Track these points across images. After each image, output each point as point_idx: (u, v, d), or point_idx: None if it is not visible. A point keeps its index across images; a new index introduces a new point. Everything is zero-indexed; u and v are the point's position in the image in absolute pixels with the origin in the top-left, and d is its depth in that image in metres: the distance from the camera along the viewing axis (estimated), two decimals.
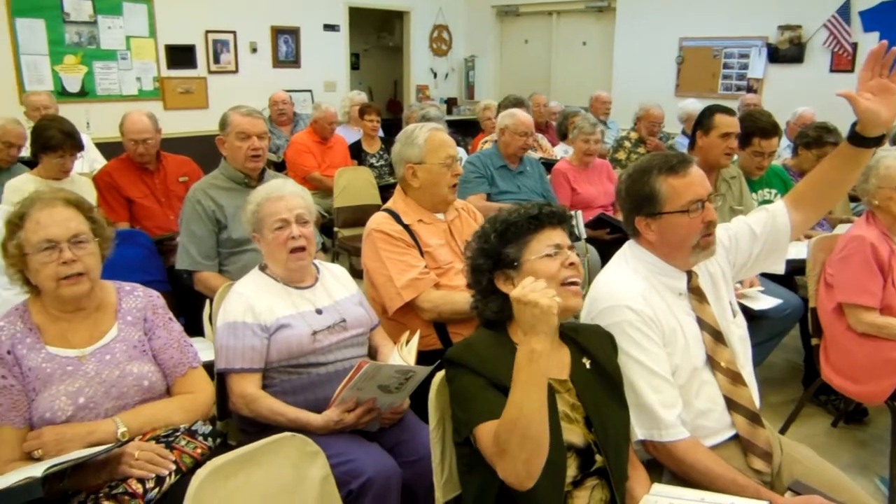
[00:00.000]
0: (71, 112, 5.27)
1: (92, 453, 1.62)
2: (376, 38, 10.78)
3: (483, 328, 1.76)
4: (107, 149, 5.20)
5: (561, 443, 1.56)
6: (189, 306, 3.29)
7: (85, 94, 6.74)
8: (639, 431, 1.78)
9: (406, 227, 2.60)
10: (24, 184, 3.65)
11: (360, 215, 5.00)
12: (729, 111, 3.49)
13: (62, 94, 6.45)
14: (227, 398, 2.15)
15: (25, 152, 4.20)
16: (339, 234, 5.25)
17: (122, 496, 1.62)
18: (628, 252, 1.99)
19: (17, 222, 1.88)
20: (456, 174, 2.69)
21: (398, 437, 2.13)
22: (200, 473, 1.38)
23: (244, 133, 3.01)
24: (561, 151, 5.82)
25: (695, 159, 1.90)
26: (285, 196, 2.26)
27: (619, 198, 1.99)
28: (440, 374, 1.75)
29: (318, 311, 2.22)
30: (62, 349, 1.86)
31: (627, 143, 5.97)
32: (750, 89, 7.35)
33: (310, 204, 2.32)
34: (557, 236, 1.71)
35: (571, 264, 1.68)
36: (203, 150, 4.62)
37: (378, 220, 2.62)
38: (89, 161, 5.12)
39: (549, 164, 4.76)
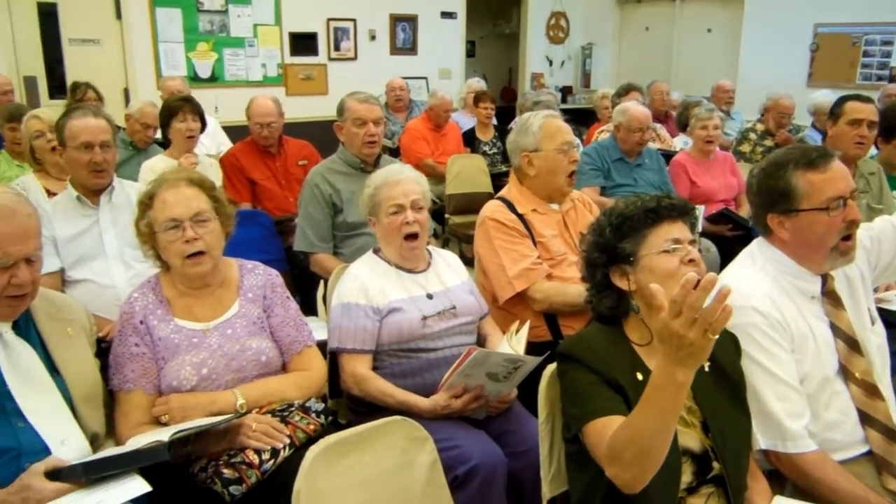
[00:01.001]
0: (201, 96, 5.49)
1: (214, 422, 1.69)
2: (492, 25, 10.72)
3: (597, 322, 1.71)
4: (232, 132, 5.44)
5: (676, 446, 1.50)
6: (305, 286, 3.40)
7: (214, 79, 7.07)
8: (761, 440, 1.68)
9: (520, 216, 2.57)
10: (157, 163, 3.88)
11: (471, 203, 5.02)
12: (863, 98, 3.24)
13: (194, 79, 6.79)
14: (339, 377, 2.20)
15: (159, 135, 4.46)
16: (449, 221, 5.28)
17: (239, 465, 1.69)
18: (756, 250, 1.87)
19: (146, 202, 1.99)
20: (573, 161, 2.63)
21: (505, 427, 2.12)
22: (314, 450, 1.41)
23: (360, 119, 3.06)
24: (681, 143, 5.60)
25: (837, 153, 1.76)
26: (402, 181, 2.28)
27: (749, 192, 1.87)
28: (551, 367, 1.71)
29: (429, 297, 2.23)
30: (189, 322, 1.96)
31: (753, 136, 5.67)
32: (893, 79, 6.80)
33: (425, 190, 2.33)
34: (677, 230, 1.62)
35: (692, 261, 1.59)
36: (321, 136, 4.74)
37: (492, 208, 2.61)
38: (216, 144, 5.37)
39: (668, 156, 4.59)
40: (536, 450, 1.96)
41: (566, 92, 9.53)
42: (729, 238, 3.91)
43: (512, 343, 2.09)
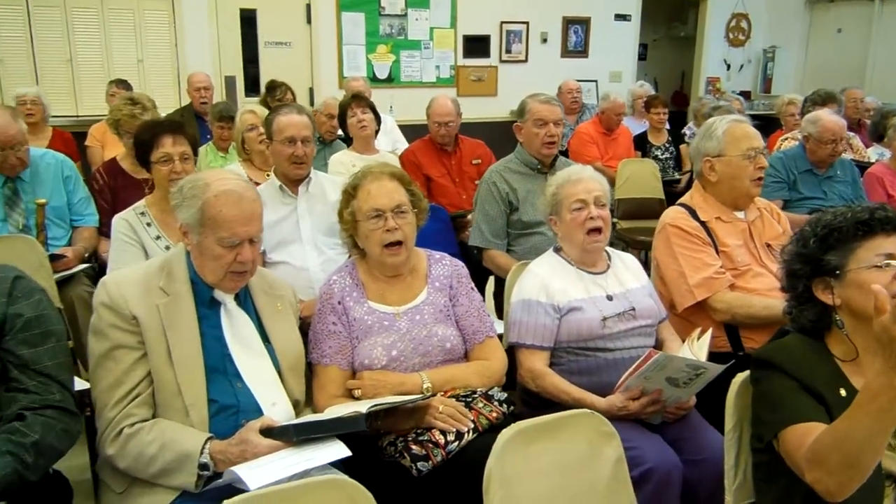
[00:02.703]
0: (378, 96, 5.80)
1: (406, 400, 1.81)
2: (667, 27, 10.43)
3: (795, 334, 1.65)
4: (405, 131, 5.67)
5: (879, 469, 1.42)
6: (475, 281, 3.50)
7: (391, 80, 7.42)
8: None
9: (702, 223, 2.51)
10: (343, 157, 4.20)
11: (641, 208, 4.95)
12: None
13: (373, 79, 7.16)
14: (514, 370, 2.26)
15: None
16: (618, 226, 5.22)
17: (426, 443, 1.80)
18: None
19: (351, 192, 2.15)
20: (760, 167, 2.53)
21: (681, 434, 2.08)
22: (506, 433, 1.48)
23: (542, 120, 3.10)
24: (875, 154, 5.18)
25: None
26: (584, 179, 2.31)
27: None
28: (741, 376, 1.68)
29: (609, 298, 2.24)
30: (381, 305, 2.10)
31: None
32: None
33: (607, 189, 2.35)
34: (891, 245, 1.52)
35: None
36: (488, 136, 4.82)
37: (673, 214, 2.57)
38: (392, 141, 5.62)
39: (862, 168, 4.27)
40: (714, 459, 1.93)
41: (744, 97, 9.09)
42: None
43: (693, 349, 2.06)
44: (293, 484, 1.37)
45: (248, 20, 6.86)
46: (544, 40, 8.05)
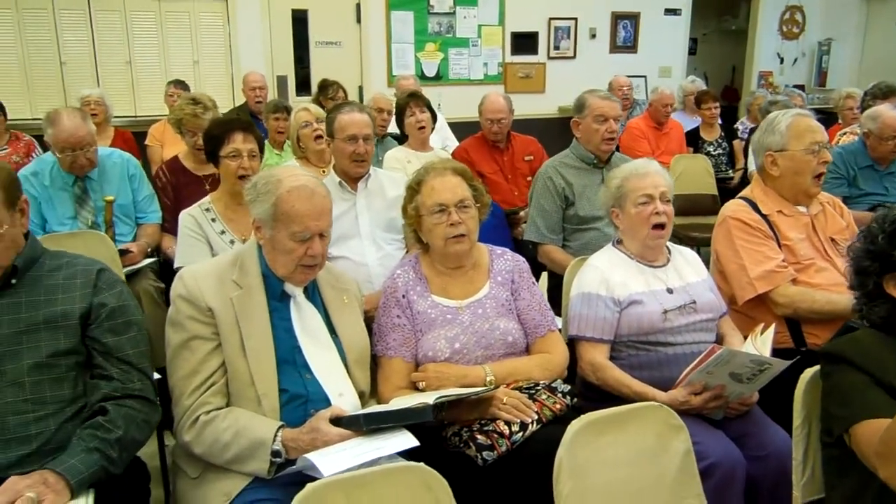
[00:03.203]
0: (426, 94, 5.79)
1: (472, 392, 1.84)
2: (717, 21, 10.25)
3: (866, 328, 1.64)
4: (452, 129, 5.70)
5: None
6: None
7: (439, 78, 7.45)
8: None
9: (764, 217, 2.49)
10: (397, 153, 4.25)
11: (693, 204, 4.89)
12: None
13: (421, 77, 7.19)
14: (575, 363, 2.27)
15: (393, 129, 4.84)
16: None
17: (491, 433, 1.82)
18: None
19: (415, 188, 2.20)
20: (823, 161, 2.50)
21: (743, 430, 2.07)
22: (575, 425, 1.50)
23: (603, 116, 3.09)
24: None
25: None
26: (650, 173, 2.31)
27: None
28: (809, 371, 1.67)
29: (669, 291, 2.24)
30: (444, 299, 2.14)
31: None
32: None
33: (671, 184, 2.34)
34: None
35: None
36: (537, 132, 4.81)
37: (734, 207, 2.55)
38: (441, 138, 5.66)
39: None
40: (777, 455, 1.92)
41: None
42: None
43: (757, 344, 2.05)
44: (370, 470, 1.41)
45: (300, 20, 6.97)
46: (593, 36, 7.99)
